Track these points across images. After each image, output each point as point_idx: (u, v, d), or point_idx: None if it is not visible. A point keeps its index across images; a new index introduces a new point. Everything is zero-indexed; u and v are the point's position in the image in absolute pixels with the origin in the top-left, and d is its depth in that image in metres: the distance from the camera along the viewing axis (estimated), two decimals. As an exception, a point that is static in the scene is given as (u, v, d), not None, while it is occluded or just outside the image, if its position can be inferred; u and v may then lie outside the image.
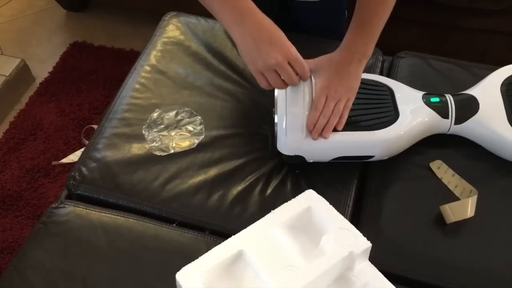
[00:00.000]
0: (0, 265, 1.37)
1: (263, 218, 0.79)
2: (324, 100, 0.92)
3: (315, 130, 0.92)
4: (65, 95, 1.76)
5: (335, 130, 0.93)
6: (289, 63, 0.83)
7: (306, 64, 0.85)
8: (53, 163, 1.44)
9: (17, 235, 1.43)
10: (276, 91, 0.99)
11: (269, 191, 0.97)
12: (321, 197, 0.81)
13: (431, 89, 1.03)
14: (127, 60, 1.81)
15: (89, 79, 1.80)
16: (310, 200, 0.81)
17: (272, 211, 0.80)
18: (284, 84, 0.86)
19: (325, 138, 0.92)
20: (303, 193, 0.82)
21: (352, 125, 0.94)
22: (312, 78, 0.95)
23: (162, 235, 0.92)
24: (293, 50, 0.82)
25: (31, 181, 1.54)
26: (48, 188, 1.53)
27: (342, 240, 0.75)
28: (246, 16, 0.83)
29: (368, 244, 0.76)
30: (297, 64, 0.83)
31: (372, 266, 0.77)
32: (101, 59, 1.86)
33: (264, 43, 0.81)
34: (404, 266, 0.89)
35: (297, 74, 0.85)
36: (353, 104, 0.94)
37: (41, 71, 1.82)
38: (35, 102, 1.74)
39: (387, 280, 0.75)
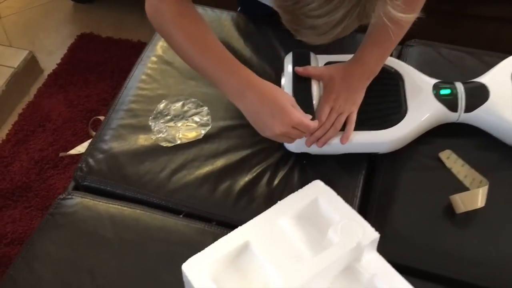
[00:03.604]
0: (10, 256, 1.38)
1: (269, 209, 0.78)
2: (327, 112, 0.92)
3: (311, 139, 0.91)
4: (73, 86, 1.76)
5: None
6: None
7: (312, 123, 0.85)
8: (61, 154, 1.45)
9: (26, 226, 1.44)
10: (283, 84, 0.98)
11: (276, 182, 0.96)
12: (328, 187, 0.80)
13: (441, 78, 1.01)
14: (135, 51, 1.80)
15: (97, 70, 1.80)
16: (317, 191, 0.80)
17: (278, 201, 0.79)
18: (298, 137, 0.88)
19: (318, 147, 0.92)
20: (310, 184, 0.81)
21: (357, 123, 0.93)
22: (320, 83, 0.95)
23: (168, 226, 0.92)
24: (294, 116, 0.82)
25: (40, 173, 1.55)
26: (56, 180, 1.53)
27: (350, 231, 0.75)
28: (247, 90, 0.83)
29: (376, 235, 0.75)
30: (301, 128, 0.84)
31: (380, 257, 0.76)
32: (108, 51, 1.85)
33: (267, 116, 0.82)
34: (412, 257, 0.88)
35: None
36: None
37: (49, 63, 1.82)
38: (43, 94, 1.74)
39: (395, 271, 0.74)
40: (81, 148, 1.11)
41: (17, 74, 1.71)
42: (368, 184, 0.98)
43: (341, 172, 0.97)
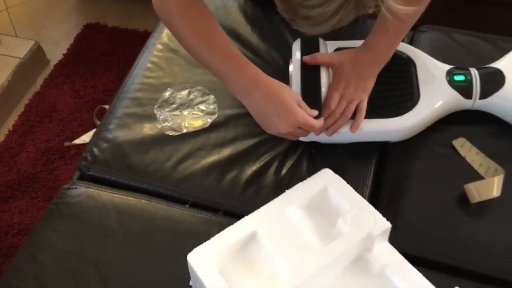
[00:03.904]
0: (17, 246, 1.37)
1: (277, 198, 0.76)
2: (337, 99, 0.89)
3: (321, 128, 0.89)
4: (79, 77, 1.74)
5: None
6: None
7: (318, 123, 0.84)
8: (65, 143, 1.43)
9: (33, 217, 1.43)
10: (291, 71, 0.95)
11: (284, 171, 0.94)
12: (338, 176, 0.78)
13: (454, 64, 0.98)
14: (141, 41, 1.75)
15: (103, 60, 1.78)
16: (326, 180, 0.77)
17: (286, 190, 0.77)
18: (303, 136, 0.88)
19: (328, 136, 0.90)
20: (319, 172, 0.78)
21: (368, 111, 0.90)
22: (330, 70, 0.92)
23: (174, 216, 0.90)
24: (300, 117, 0.81)
25: (47, 163, 1.54)
26: (63, 170, 1.52)
27: (360, 220, 0.72)
28: (253, 88, 0.82)
29: (387, 225, 0.72)
30: (306, 127, 0.83)
31: (392, 247, 0.74)
32: (114, 41, 1.83)
33: (272, 116, 0.82)
34: (425, 248, 0.85)
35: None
36: None
37: (55, 53, 1.80)
38: (49, 84, 1.73)
39: (407, 262, 0.72)
40: (85, 138, 1.10)
41: (23, 65, 1.70)
42: (379, 174, 0.95)
43: (351, 161, 0.95)
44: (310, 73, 0.92)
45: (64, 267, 0.85)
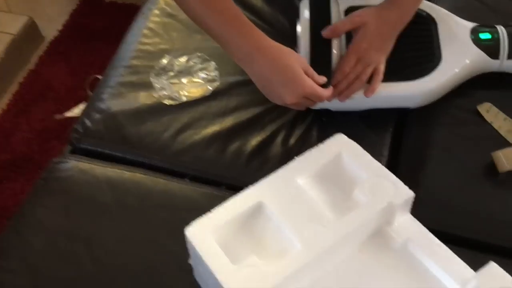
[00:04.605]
0: (12, 230, 1.30)
1: (286, 166, 0.68)
2: (353, 63, 0.81)
3: (333, 92, 0.81)
4: (76, 54, 1.67)
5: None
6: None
7: (324, 91, 0.77)
8: (56, 116, 1.36)
9: (28, 199, 1.36)
10: (298, 32, 0.87)
11: (292, 141, 0.86)
12: (353, 141, 0.70)
13: (478, 23, 0.89)
14: (140, 16, 1.70)
15: (101, 36, 1.70)
16: (340, 145, 0.69)
17: (296, 158, 0.69)
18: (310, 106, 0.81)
19: (341, 101, 0.83)
20: (332, 137, 0.70)
21: (384, 74, 0.82)
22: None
23: (173, 190, 0.83)
24: (307, 86, 0.74)
25: (42, 143, 1.47)
26: (59, 151, 1.45)
27: (379, 189, 0.64)
28: (256, 54, 0.75)
29: (410, 194, 0.64)
30: (314, 98, 0.77)
31: (415, 219, 0.66)
32: (112, 16, 1.76)
33: (277, 85, 0.75)
34: (449, 222, 0.78)
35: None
36: None
37: (51, 29, 1.73)
38: (44, 62, 1.66)
39: (432, 235, 0.64)
40: (78, 110, 1.03)
41: (17, 41, 1.62)
42: (397, 143, 0.87)
43: (366, 130, 0.87)
44: (320, 34, 0.84)
45: (53, 246, 0.78)
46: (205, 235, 0.61)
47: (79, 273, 0.75)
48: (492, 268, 0.59)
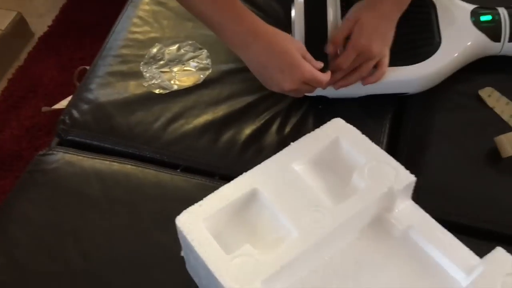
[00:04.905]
0: (0, 229, 1.27)
1: (281, 151, 0.65)
2: (352, 58, 0.77)
3: (330, 81, 0.78)
4: (66, 49, 1.63)
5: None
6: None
7: (325, 76, 0.73)
8: (43, 109, 1.32)
9: (17, 197, 1.32)
10: (293, 17, 0.84)
11: (287, 129, 0.83)
12: (351, 126, 0.67)
13: (478, 4, 0.86)
14: (131, 10, 1.66)
15: (91, 31, 1.67)
16: (338, 130, 0.66)
17: (292, 143, 0.66)
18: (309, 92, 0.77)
19: (335, 89, 0.80)
20: (329, 122, 0.67)
21: None
22: (338, 11, 0.81)
23: (164, 181, 0.79)
24: (306, 72, 0.71)
25: (32, 140, 1.43)
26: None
27: (379, 174, 0.61)
28: (252, 39, 0.71)
29: (411, 178, 0.61)
30: (313, 83, 0.74)
31: (416, 205, 0.63)
32: (103, 10, 1.72)
33: (275, 72, 0.71)
34: (451, 210, 0.75)
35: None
36: None
37: (40, 25, 1.69)
38: (34, 58, 1.62)
39: (435, 222, 0.61)
40: (66, 102, 0.99)
41: (5, 37, 1.59)
42: (397, 130, 0.84)
43: (364, 117, 0.84)
44: (315, 17, 0.81)
45: (39, 240, 0.74)
46: (196, 223, 0.58)
47: (66, 268, 0.71)
48: (499, 254, 0.56)
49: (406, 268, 0.60)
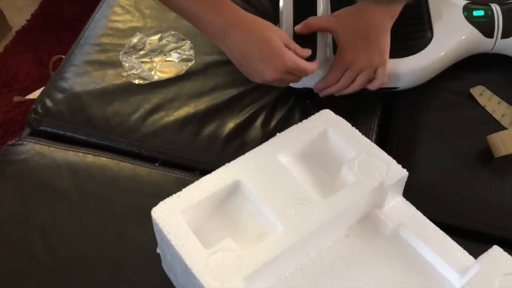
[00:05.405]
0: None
1: (266, 142, 0.61)
2: (340, 73, 0.74)
3: (322, 94, 0.78)
4: (44, 44, 1.58)
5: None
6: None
7: (309, 65, 0.70)
8: (15, 99, 1.27)
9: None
10: (281, 8, 0.80)
11: (273, 123, 0.80)
12: (340, 117, 0.63)
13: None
14: (114, 6, 1.62)
15: (71, 27, 1.62)
16: (326, 121, 0.63)
17: (278, 134, 0.62)
18: (294, 81, 0.73)
19: (321, 96, 0.79)
20: (318, 113, 0.64)
21: None
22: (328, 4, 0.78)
23: (141, 175, 0.75)
24: (289, 60, 0.68)
25: (5, 136, 1.37)
26: (23, 143, 1.35)
27: (370, 167, 0.58)
28: (231, 28, 0.68)
29: (403, 173, 0.58)
30: (297, 72, 0.70)
31: (408, 202, 0.60)
32: (84, 5, 1.67)
33: (256, 61, 0.68)
34: (443, 210, 0.71)
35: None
36: None
37: (18, 19, 1.64)
38: (10, 52, 1.56)
39: (427, 219, 0.58)
40: (39, 93, 0.93)
41: (-19, 30, 1.53)
42: (385, 128, 0.81)
43: (352, 113, 0.79)
44: (303, 7, 0.78)
45: (4, 235, 0.69)
46: (173, 215, 0.53)
47: (34, 266, 0.66)
48: (496, 253, 0.53)
49: (396, 268, 0.56)
